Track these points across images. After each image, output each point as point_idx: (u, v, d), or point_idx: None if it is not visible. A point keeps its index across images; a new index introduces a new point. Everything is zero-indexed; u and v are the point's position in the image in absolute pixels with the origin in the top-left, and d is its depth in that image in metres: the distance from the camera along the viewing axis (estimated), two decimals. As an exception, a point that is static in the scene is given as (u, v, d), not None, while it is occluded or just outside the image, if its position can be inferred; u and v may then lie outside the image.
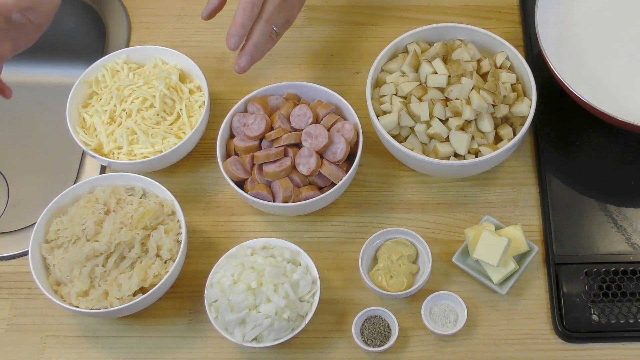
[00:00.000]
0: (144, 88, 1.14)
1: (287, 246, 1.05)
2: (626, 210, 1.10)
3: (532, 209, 1.11)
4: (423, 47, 1.13)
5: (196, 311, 1.06)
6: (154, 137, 1.11)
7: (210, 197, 1.15)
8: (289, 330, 0.99)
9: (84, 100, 1.17)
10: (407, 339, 1.04)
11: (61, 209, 1.08)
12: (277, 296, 0.98)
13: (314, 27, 1.29)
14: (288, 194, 1.05)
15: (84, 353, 1.05)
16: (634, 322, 1.02)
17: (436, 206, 1.12)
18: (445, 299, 1.04)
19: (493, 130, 1.07)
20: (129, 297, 1.00)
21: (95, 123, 1.13)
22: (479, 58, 1.11)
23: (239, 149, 1.09)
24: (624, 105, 1.12)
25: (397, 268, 1.04)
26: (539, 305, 1.05)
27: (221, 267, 1.03)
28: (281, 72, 1.25)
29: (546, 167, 1.13)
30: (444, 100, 1.08)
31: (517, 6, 1.29)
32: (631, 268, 1.05)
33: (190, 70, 1.17)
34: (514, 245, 1.03)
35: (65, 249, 1.04)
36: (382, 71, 1.14)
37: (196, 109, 1.14)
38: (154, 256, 1.03)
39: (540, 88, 1.09)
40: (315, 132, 1.07)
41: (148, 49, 1.19)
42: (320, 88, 1.13)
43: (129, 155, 1.11)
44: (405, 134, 1.10)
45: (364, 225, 1.11)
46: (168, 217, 1.06)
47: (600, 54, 1.17)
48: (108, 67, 1.18)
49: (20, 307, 1.09)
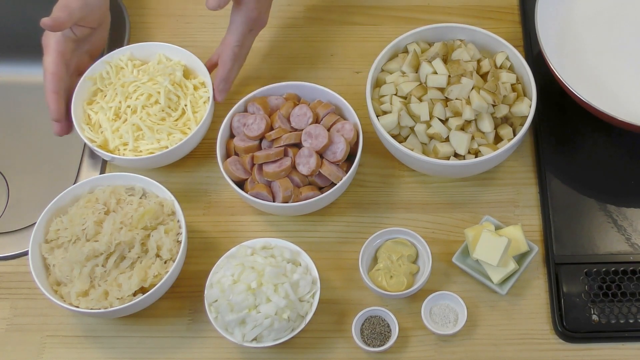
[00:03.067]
0: (148, 84, 1.14)
1: (287, 246, 1.05)
2: (626, 210, 1.10)
3: (532, 209, 1.11)
4: (423, 47, 1.13)
5: (196, 311, 1.06)
6: (160, 133, 1.11)
7: (210, 197, 1.15)
8: (289, 330, 0.99)
9: (88, 97, 1.17)
10: (407, 339, 1.04)
11: (61, 209, 1.08)
12: (277, 296, 0.98)
13: (314, 27, 1.29)
14: (288, 194, 1.05)
15: (84, 353, 1.05)
16: (634, 322, 1.02)
17: (436, 206, 1.13)
18: (445, 299, 1.04)
19: (493, 130, 1.07)
20: (129, 297, 1.00)
21: (101, 120, 1.13)
22: (479, 58, 1.11)
23: (239, 149, 1.09)
24: (624, 105, 1.12)
25: (397, 268, 1.04)
26: (539, 305, 1.05)
27: (221, 267, 1.03)
28: (281, 72, 1.25)
29: (546, 167, 1.13)
30: (444, 100, 1.08)
31: (517, 6, 1.29)
32: (631, 268, 1.05)
33: (194, 66, 1.18)
34: (514, 245, 1.03)
35: (65, 249, 1.04)
36: (382, 71, 1.14)
37: (201, 105, 1.15)
38: (154, 256, 1.03)
39: (540, 88, 1.09)
40: (315, 132, 1.07)
41: (152, 46, 1.19)
42: (320, 88, 1.13)
43: (134, 151, 1.11)
44: (405, 134, 1.10)
45: (364, 225, 1.11)
46: (168, 217, 1.06)
47: (600, 54, 1.17)
48: (112, 63, 1.18)
49: (20, 307, 1.09)
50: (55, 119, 1.11)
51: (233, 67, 1.13)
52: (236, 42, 1.11)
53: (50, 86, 1.10)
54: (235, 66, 1.14)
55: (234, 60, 1.13)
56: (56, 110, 1.11)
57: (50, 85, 1.10)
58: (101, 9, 1.13)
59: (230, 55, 1.12)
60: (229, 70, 1.13)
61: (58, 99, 1.10)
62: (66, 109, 1.13)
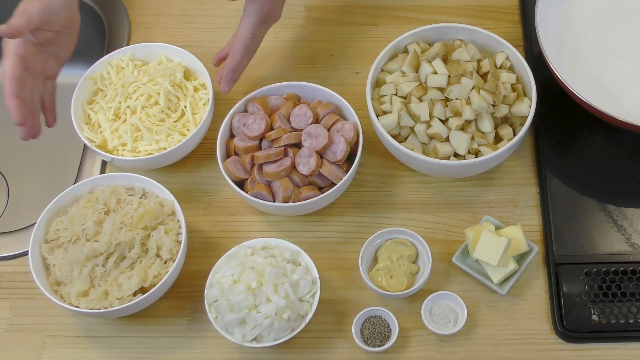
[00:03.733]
0: (148, 85, 1.14)
1: (287, 246, 1.05)
2: (626, 210, 1.10)
3: (532, 209, 1.11)
4: (423, 47, 1.13)
5: (196, 311, 1.06)
6: (158, 134, 1.11)
7: (210, 197, 1.15)
8: (289, 330, 0.99)
9: (88, 97, 1.17)
10: (407, 339, 1.04)
11: (61, 209, 1.08)
12: (277, 296, 0.98)
13: (314, 27, 1.29)
14: (288, 194, 1.05)
15: (84, 353, 1.05)
16: (634, 322, 1.02)
17: (436, 206, 1.12)
18: (445, 299, 1.04)
19: (493, 130, 1.07)
20: (129, 297, 1.00)
21: (100, 120, 1.13)
22: (479, 58, 1.11)
23: (239, 149, 1.09)
24: (624, 105, 1.12)
25: (397, 268, 1.04)
26: (539, 305, 1.05)
27: (221, 267, 1.03)
28: (281, 72, 1.25)
29: (546, 167, 1.13)
30: (444, 100, 1.08)
31: (517, 6, 1.29)
32: (631, 268, 1.05)
33: (194, 67, 1.18)
34: (514, 245, 1.03)
35: (65, 249, 1.04)
36: (382, 71, 1.14)
37: (200, 107, 1.15)
38: (154, 256, 1.03)
39: (540, 88, 1.09)
40: (315, 132, 1.07)
41: (153, 46, 1.19)
42: (320, 88, 1.13)
43: (133, 152, 1.11)
44: (405, 134, 1.10)
45: (364, 225, 1.11)
46: (168, 217, 1.06)
47: (600, 54, 1.17)
48: (113, 64, 1.18)
49: (20, 307, 1.09)
50: (18, 123, 1.06)
51: (243, 58, 1.13)
52: (248, 33, 1.11)
53: (10, 90, 1.04)
54: (245, 57, 1.13)
55: (245, 51, 1.12)
56: (17, 113, 1.05)
57: (9, 89, 1.05)
58: (66, 12, 1.08)
59: (242, 46, 1.11)
60: (238, 62, 1.12)
61: (18, 103, 1.05)
62: (32, 113, 1.07)
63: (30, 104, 1.06)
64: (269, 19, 1.13)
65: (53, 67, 1.11)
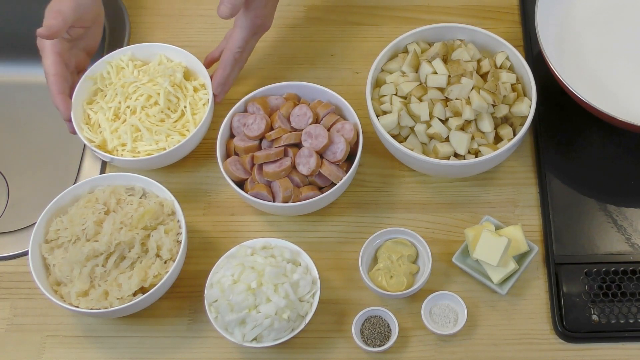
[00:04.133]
0: (148, 85, 1.14)
1: (287, 246, 1.05)
2: (626, 210, 1.10)
3: (532, 209, 1.11)
4: (423, 47, 1.13)
5: (196, 311, 1.06)
6: (158, 135, 1.11)
7: (210, 197, 1.15)
8: (289, 330, 0.99)
9: (88, 96, 1.17)
10: (407, 339, 1.04)
11: (61, 209, 1.08)
12: (277, 296, 0.98)
13: (314, 27, 1.29)
14: (288, 194, 1.05)
15: (84, 353, 1.05)
16: (634, 322, 1.02)
17: (436, 206, 1.13)
18: (445, 299, 1.04)
19: (493, 130, 1.07)
20: (129, 297, 1.00)
21: (100, 120, 1.13)
22: (479, 58, 1.11)
23: (239, 149, 1.09)
24: (624, 105, 1.12)
25: (397, 268, 1.04)
26: (539, 305, 1.05)
27: (221, 267, 1.03)
28: (281, 72, 1.25)
29: (546, 167, 1.13)
30: (444, 100, 1.08)
31: (517, 6, 1.29)
32: (631, 268, 1.05)
33: (194, 67, 1.17)
34: (514, 245, 1.03)
35: (65, 249, 1.04)
36: (382, 71, 1.14)
37: (200, 107, 1.14)
38: (154, 256, 1.03)
39: (540, 88, 1.09)
40: (315, 132, 1.07)
41: (153, 46, 1.19)
42: (320, 88, 1.13)
43: (132, 152, 1.11)
44: (405, 134, 1.10)
45: (364, 225, 1.11)
46: (168, 217, 1.06)
47: (600, 54, 1.17)
48: (113, 64, 1.18)
49: (20, 307, 1.09)
50: (67, 118, 1.12)
51: (232, 71, 1.14)
52: (238, 47, 1.12)
53: (56, 88, 1.10)
54: (234, 70, 1.14)
55: (234, 64, 1.13)
56: (65, 109, 1.11)
57: (55, 87, 1.10)
58: (94, 7, 1.13)
59: (231, 59, 1.13)
60: (228, 74, 1.13)
61: (65, 99, 1.11)
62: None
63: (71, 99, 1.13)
64: (259, 31, 1.15)
65: (84, 60, 1.18)
